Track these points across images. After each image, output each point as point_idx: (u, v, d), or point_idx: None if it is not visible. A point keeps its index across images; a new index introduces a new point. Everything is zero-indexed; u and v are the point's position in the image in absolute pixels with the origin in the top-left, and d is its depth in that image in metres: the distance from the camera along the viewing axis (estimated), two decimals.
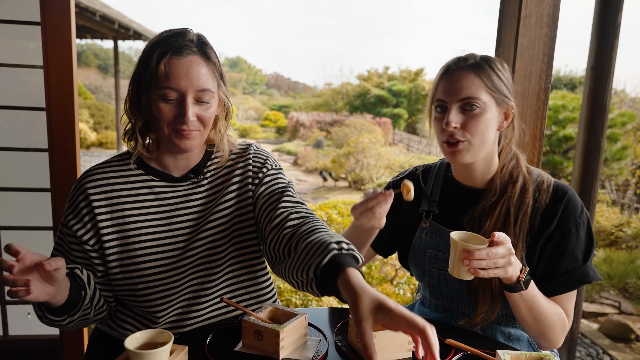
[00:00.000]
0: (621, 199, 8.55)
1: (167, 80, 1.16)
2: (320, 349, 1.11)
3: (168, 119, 1.19)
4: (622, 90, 13.97)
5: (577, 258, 1.30)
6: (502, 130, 1.37)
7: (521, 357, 1.01)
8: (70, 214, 1.26)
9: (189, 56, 1.18)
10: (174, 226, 1.29)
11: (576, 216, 1.30)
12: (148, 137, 1.28)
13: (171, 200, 1.30)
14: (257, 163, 1.37)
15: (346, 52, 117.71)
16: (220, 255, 1.32)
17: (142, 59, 1.21)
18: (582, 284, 1.30)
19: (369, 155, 11.13)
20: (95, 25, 11.59)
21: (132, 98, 1.23)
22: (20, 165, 2.17)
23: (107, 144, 15.80)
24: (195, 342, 1.13)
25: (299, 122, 20.97)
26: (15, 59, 2.10)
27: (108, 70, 36.62)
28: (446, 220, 1.43)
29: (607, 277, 4.60)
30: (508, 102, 1.33)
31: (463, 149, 1.31)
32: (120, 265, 1.26)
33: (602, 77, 2.48)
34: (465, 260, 1.10)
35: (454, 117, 1.29)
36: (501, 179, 1.36)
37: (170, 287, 1.27)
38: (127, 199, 1.27)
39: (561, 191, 1.32)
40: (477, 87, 1.28)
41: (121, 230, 1.26)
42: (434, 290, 1.44)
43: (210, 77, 1.22)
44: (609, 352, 3.75)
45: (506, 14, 1.90)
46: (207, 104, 1.22)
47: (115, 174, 1.29)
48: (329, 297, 3.32)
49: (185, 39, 1.19)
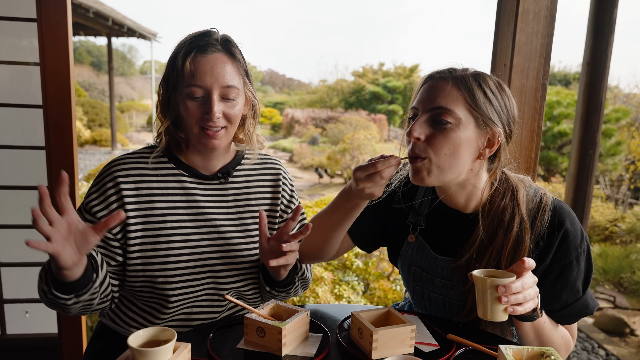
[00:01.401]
0: (615, 194, 8.61)
1: (192, 78, 1.19)
2: (322, 345, 1.11)
3: (196, 117, 1.22)
4: (616, 86, 14.03)
5: (577, 290, 1.20)
6: (483, 159, 1.19)
7: (523, 351, 1.01)
8: (94, 199, 1.26)
9: (213, 54, 1.21)
10: (201, 223, 1.31)
11: (577, 246, 1.17)
12: (177, 137, 1.30)
13: (200, 198, 1.32)
14: (287, 189, 1.46)
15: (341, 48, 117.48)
16: (243, 259, 1.35)
17: (170, 60, 1.25)
18: (583, 316, 1.23)
19: (364, 151, 11.13)
20: (89, 22, 11.52)
21: (163, 100, 1.27)
22: (18, 163, 2.16)
23: (102, 142, 15.73)
24: (198, 340, 1.13)
25: (294, 119, 20.94)
26: (11, 56, 2.08)
27: (102, 67, 36.37)
28: (433, 237, 1.32)
29: (602, 272, 4.64)
30: (492, 127, 1.15)
31: (423, 167, 1.15)
32: (142, 256, 1.27)
33: (597, 73, 2.49)
34: (503, 298, 0.98)
35: (419, 127, 1.13)
36: (490, 215, 1.20)
37: (189, 284, 1.29)
38: (156, 190, 1.28)
39: (558, 220, 1.18)
40: (453, 99, 1.13)
41: (148, 222, 1.27)
42: (418, 304, 1.40)
43: (235, 74, 1.24)
44: (604, 346, 3.79)
45: (504, 10, 1.91)
46: (232, 100, 1.24)
47: (145, 164, 1.30)
48: (326, 294, 3.33)
49: (210, 38, 1.23)
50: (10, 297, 2.27)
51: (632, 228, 5.60)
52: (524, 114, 1.87)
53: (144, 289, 1.30)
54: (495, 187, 1.22)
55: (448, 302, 1.30)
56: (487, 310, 1.02)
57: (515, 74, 1.84)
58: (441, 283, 1.30)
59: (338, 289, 3.51)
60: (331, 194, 9.98)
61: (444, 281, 1.29)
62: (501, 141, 1.17)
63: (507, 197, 1.21)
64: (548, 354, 1.01)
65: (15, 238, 2.20)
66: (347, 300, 3.41)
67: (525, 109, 1.87)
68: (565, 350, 1.24)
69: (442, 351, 1.12)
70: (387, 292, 3.60)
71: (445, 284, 1.29)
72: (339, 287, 3.54)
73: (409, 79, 23.27)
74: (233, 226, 1.35)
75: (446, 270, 1.29)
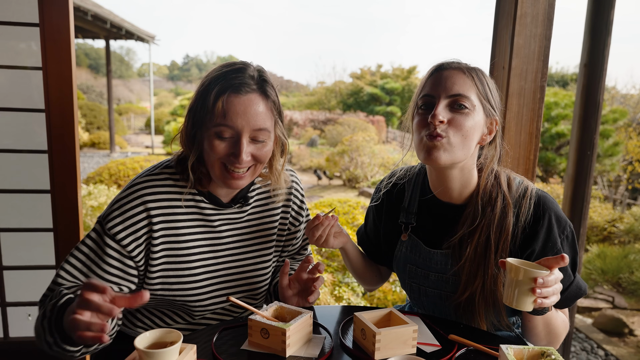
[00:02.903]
0: (613, 195, 8.63)
1: (223, 118, 1.14)
2: (326, 346, 1.13)
3: (220, 156, 1.17)
4: (613, 87, 14.08)
5: (569, 274, 1.27)
6: (484, 144, 1.31)
7: (524, 351, 1.03)
8: (120, 224, 1.18)
9: (248, 94, 1.16)
10: (217, 247, 1.32)
11: (562, 232, 1.27)
12: (199, 172, 1.24)
13: (217, 223, 1.31)
14: (298, 200, 1.47)
15: (339, 50, 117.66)
16: (258, 279, 1.39)
17: (200, 93, 1.19)
18: (579, 298, 1.31)
19: (363, 153, 11.15)
20: (87, 25, 11.53)
21: (187, 131, 1.21)
22: (20, 166, 2.17)
23: (100, 144, 15.71)
24: (202, 341, 1.14)
25: (292, 121, 20.94)
26: (14, 60, 2.09)
27: (99, 70, 36.37)
28: (425, 234, 1.40)
29: (601, 272, 4.66)
30: (493, 115, 1.28)
31: (441, 146, 1.22)
32: (163, 282, 1.26)
33: (595, 74, 2.51)
34: (537, 290, 1.02)
35: (442, 111, 1.22)
36: (481, 199, 1.30)
37: (207, 305, 1.32)
38: (180, 216, 1.25)
39: (542, 208, 1.26)
40: (469, 87, 1.23)
41: (171, 249, 1.25)
42: (416, 303, 1.46)
43: (268, 116, 1.19)
44: (603, 347, 3.80)
45: (502, 13, 1.92)
46: (262, 142, 1.20)
47: (172, 189, 1.25)
48: (325, 296, 3.34)
49: (245, 75, 1.17)
50: (13, 300, 2.28)
51: (630, 228, 5.62)
52: (522, 116, 1.89)
53: (162, 307, 1.32)
54: (486, 172, 1.32)
55: (444, 295, 1.35)
56: (514, 299, 1.05)
57: (514, 77, 1.86)
58: (436, 277, 1.36)
59: (338, 290, 3.52)
60: (330, 195, 9.99)
61: (438, 275, 1.35)
62: (498, 129, 1.30)
63: (493, 179, 1.32)
64: (549, 353, 1.02)
65: (17, 241, 2.21)
66: (347, 301, 3.43)
67: (523, 111, 1.89)
68: (565, 334, 1.32)
69: (444, 351, 1.13)
70: (387, 293, 3.61)
71: (439, 278, 1.35)
72: (339, 288, 3.55)
73: (407, 80, 23.31)
74: (247, 246, 1.36)
75: (440, 263, 1.34)
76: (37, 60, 2.06)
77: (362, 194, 10.12)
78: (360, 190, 10.53)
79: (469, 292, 1.28)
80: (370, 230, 1.57)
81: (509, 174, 1.35)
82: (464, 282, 1.30)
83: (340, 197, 5.68)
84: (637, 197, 8.49)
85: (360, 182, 11.15)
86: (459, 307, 1.32)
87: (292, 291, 1.31)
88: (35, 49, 2.05)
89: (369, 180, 11.02)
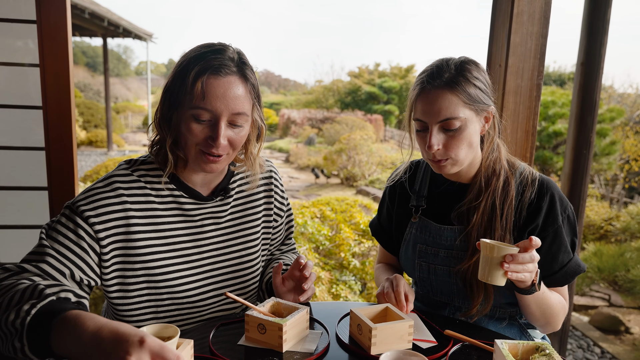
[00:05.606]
0: (610, 193, 8.66)
1: (202, 100, 1.11)
2: (322, 341, 1.13)
3: (197, 140, 1.15)
4: (610, 85, 14.10)
5: (569, 251, 1.35)
6: (485, 132, 1.39)
7: (518, 346, 1.04)
8: (93, 210, 1.14)
9: (227, 77, 1.13)
10: (201, 242, 1.30)
11: (564, 210, 1.34)
12: (176, 155, 1.22)
13: (198, 218, 1.29)
14: (279, 190, 1.47)
15: (337, 49, 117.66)
16: (249, 271, 1.38)
17: (177, 74, 1.15)
18: (578, 274, 1.36)
19: (360, 152, 11.16)
20: (84, 23, 11.52)
21: (163, 112, 1.18)
22: (17, 163, 2.16)
23: (97, 143, 15.69)
24: (200, 336, 1.15)
25: (290, 120, 20.95)
26: (11, 57, 2.09)
27: (97, 68, 36.30)
28: (435, 214, 1.46)
29: (597, 271, 4.67)
30: (487, 109, 1.33)
31: (446, 164, 1.33)
32: (145, 281, 1.23)
33: (592, 73, 2.52)
34: (506, 265, 1.11)
35: (436, 139, 1.29)
36: (485, 172, 1.39)
37: (194, 303, 1.30)
38: (159, 212, 1.23)
39: (546, 186, 1.35)
40: (455, 106, 1.26)
41: (151, 245, 1.22)
42: (424, 284, 1.48)
43: (246, 99, 1.17)
44: (599, 344, 3.82)
45: (499, 11, 1.93)
46: (240, 127, 1.18)
47: (148, 184, 1.23)
48: (323, 294, 3.35)
49: (224, 57, 1.14)
50: None
51: (627, 227, 5.64)
52: (518, 114, 1.90)
53: (149, 307, 1.27)
54: (489, 147, 1.40)
55: (453, 272, 1.40)
56: (486, 274, 1.15)
57: (510, 75, 1.87)
58: (445, 253, 1.42)
59: (335, 288, 3.53)
60: (327, 194, 10.00)
61: (447, 251, 1.41)
62: (494, 114, 1.36)
63: (495, 153, 1.41)
64: (543, 348, 1.03)
65: (14, 239, 2.21)
66: (345, 299, 3.43)
67: (520, 109, 1.90)
68: (563, 314, 1.37)
69: (440, 347, 1.14)
70: None
71: (449, 254, 1.41)
72: (336, 286, 3.55)
73: (404, 79, 23.31)
74: (232, 239, 1.35)
75: (449, 239, 1.41)
76: (34, 57, 2.06)
77: (360, 192, 10.13)
78: (357, 188, 10.55)
79: (476, 257, 1.33)
80: (383, 220, 1.64)
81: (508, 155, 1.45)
82: (471, 248, 1.36)
83: (338, 196, 5.69)
84: (633, 195, 8.53)
85: (357, 180, 11.16)
86: (465, 280, 1.37)
87: (286, 288, 1.31)
88: (33, 46, 2.05)
89: (366, 178, 11.04)
